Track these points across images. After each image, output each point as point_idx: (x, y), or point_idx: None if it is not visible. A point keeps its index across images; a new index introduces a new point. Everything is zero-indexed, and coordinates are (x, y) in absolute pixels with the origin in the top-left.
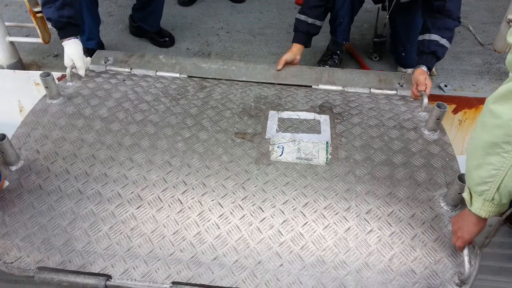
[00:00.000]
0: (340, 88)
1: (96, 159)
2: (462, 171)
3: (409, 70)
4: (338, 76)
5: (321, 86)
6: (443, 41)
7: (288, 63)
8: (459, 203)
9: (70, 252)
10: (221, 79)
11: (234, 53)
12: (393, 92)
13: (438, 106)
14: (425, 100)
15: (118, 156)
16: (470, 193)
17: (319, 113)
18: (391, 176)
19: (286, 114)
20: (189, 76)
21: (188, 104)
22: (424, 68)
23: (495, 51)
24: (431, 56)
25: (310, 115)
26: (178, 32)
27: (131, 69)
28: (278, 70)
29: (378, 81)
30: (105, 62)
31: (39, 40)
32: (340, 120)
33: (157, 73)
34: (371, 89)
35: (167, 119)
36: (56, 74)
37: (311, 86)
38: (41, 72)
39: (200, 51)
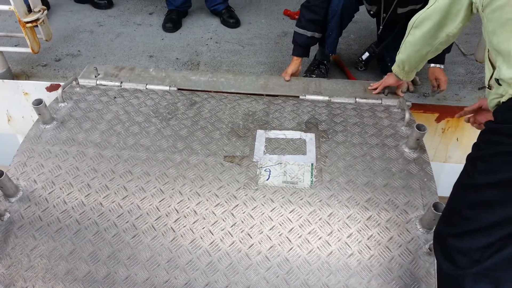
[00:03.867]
0: (326, 98)
1: (91, 188)
2: (440, 192)
3: None
4: (325, 86)
5: (308, 97)
6: None
7: (292, 74)
8: (434, 225)
9: (72, 281)
10: (210, 92)
11: (223, 63)
12: (378, 101)
13: (418, 128)
14: (407, 115)
15: (112, 184)
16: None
17: (305, 131)
18: (372, 199)
19: (273, 134)
20: (179, 89)
21: (178, 125)
22: (438, 66)
23: (476, 61)
24: (442, 55)
25: (296, 134)
26: (168, 42)
27: (121, 83)
28: (287, 81)
29: (363, 90)
30: (95, 76)
31: (28, 50)
32: (325, 138)
33: (147, 87)
34: (357, 99)
35: (158, 142)
36: (44, 84)
37: (298, 97)
38: (33, 100)
39: (189, 61)
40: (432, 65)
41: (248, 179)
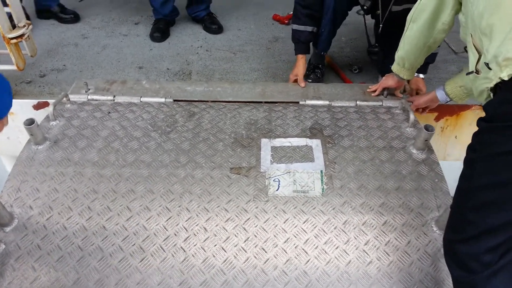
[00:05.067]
0: (327, 102)
1: (92, 211)
2: (451, 189)
3: None
4: (324, 90)
5: (309, 102)
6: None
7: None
8: None
9: None
10: (207, 101)
11: (215, 71)
12: (379, 103)
13: (426, 128)
14: (412, 116)
15: (114, 205)
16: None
17: (310, 137)
18: (385, 203)
19: (278, 142)
20: (175, 100)
21: (179, 138)
22: (421, 76)
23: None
24: (426, 66)
25: (302, 141)
26: (157, 52)
27: (114, 97)
28: (303, 87)
29: (363, 93)
30: (86, 91)
31: (13, 67)
32: (331, 144)
33: (142, 100)
34: (357, 102)
35: (160, 158)
36: (31, 102)
37: (298, 103)
38: (24, 120)
39: (180, 71)
40: (415, 74)
41: (257, 191)
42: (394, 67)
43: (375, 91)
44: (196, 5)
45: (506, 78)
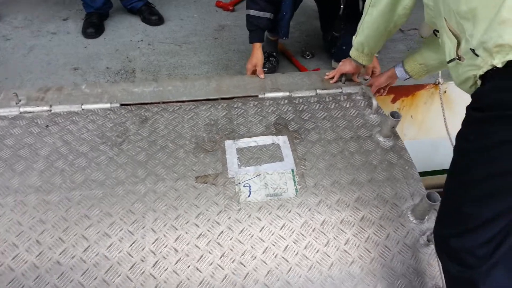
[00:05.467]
0: (287, 94)
1: (42, 245)
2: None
3: None
4: (282, 81)
5: (268, 95)
6: None
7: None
8: (427, 215)
9: None
10: (159, 103)
11: (162, 67)
12: (338, 90)
13: (393, 115)
14: (374, 102)
15: (67, 236)
16: None
17: (276, 134)
18: (360, 198)
19: (243, 142)
20: (122, 105)
21: (133, 149)
22: (375, 54)
23: (421, 37)
24: None
25: (268, 139)
26: (92, 49)
27: (50, 107)
28: (262, 79)
29: (321, 81)
30: (16, 103)
31: None
32: (298, 139)
33: (83, 107)
34: (317, 91)
35: (114, 174)
36: None
37: (257, 96)
38: None
39: (122, 69)
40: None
41: (228, 200)
42: (352, 53)
43: (332, 77)
44: None
45: (500, 65)
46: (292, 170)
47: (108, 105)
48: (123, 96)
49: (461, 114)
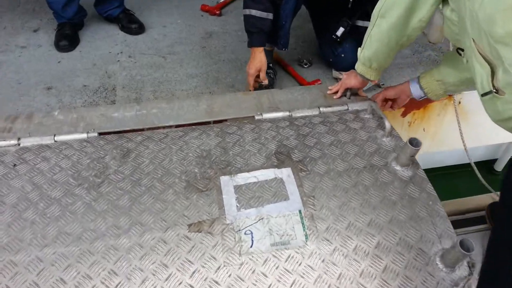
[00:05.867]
0: (287, 114)
1: None
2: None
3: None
4: (279, 98)
5: (266, 116)
6: None
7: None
8: (459, 262)
9: None
10: (143, 130)
11: (145, 82)
12: (344, 107)
13: (411, 143)
14: (387, 124)
15: None
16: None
17: (278, 165)
18: (380, 243)
19: (241, 178)
20: (100, 134)
21: (114, 192)
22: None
23: (429, 42)
24: None
25: (269, 173)
26: (67, 65)
27: (18, 139)
28: (266, 83)
29: (323, 97)
30: None
31: None
32: (304, 171)
33: (56, 139)
34: (320, 108)
35: (92, 225)
36: None
37: (253, 117)
38: None
39: (101, 87)
40: None
41: (227, 252)
42: (358, 67)
43: (336, 92)
44: (108, 1)
45: None
46: (300, 211)
47: (84, 135)
48: (101, 122)
49: (477, 126)
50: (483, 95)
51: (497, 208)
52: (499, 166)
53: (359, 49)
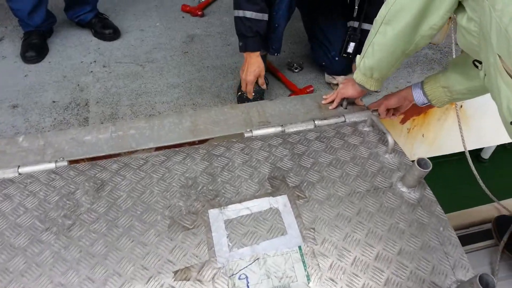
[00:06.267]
0: (279, 129)
1: None
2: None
3: (340, 78)
4: (270, 111)
5: (256, 132)
6: None
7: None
8: None
9: None
10: (119, 155)
11: (122, 95)
12: (341, 119)
13: (420, 164)
14: (390, 139)
15: None
16: None
17: (272, 193)
18: (390, 279)
19: (232, 211)
20: (70, 162)
21: (87, 236)
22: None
23: (430, 43)
24: None
25: (263, 203)
26: (34, 78)
27: None
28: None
29: (318, 107)
30: None
31: None
32: (302, 198)
33: (20, 171)
34: (315, 121)
35: (63, 279)
36: None
37: (242, 134)
38: None
39: (73, 102)
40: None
41: None
42: (358, 77)
43: (332, 101)
44: (79, 5)
45: None
46: (300, 247)
47: (52, 165)
48: (72, 148)
49: (478, 129)
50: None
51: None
52: (486, 154)
53: (357, 56)
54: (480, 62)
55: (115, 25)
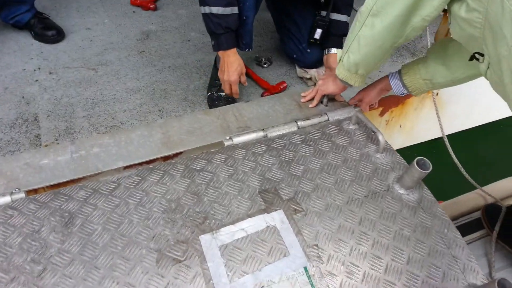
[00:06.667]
0: (261, 134)
1: None
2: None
3: (312, 71)
4: (247, 114)
5: (236, 139)
6: (348, 20)
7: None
8: None
9: None
10: (84, 178)
11: (75, 105)
12: (324, 118)
13: (419, 165)
14: (382, 139)
15: None
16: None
17: (267, 209)
18: None
19: (226, 235)
20: (28, 193)
21: (62, 283)
22: (338, 52)
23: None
24: (341, 38)
25: (259, 222)
26: None
27: None
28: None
29: (297, 106)
30: None
31: None
32: (299, 211)
33: None
34: (298, 123)
35: None
36: None
37: (223, 143)
38: None
39: (19, 118)
40: (333, 50)
41: None
42: (341, 73)
43: (311, 99)
44: (14, 5)
45: None
46: (305, 268)
47: (7, 199)
48: (28, 176)
49: (452, 115)
50: None
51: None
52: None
53: (338, 51)
54: (482, 55)
55: (58, 25)
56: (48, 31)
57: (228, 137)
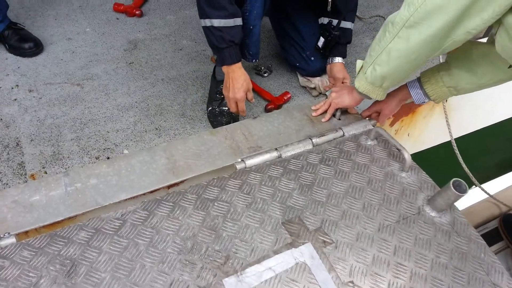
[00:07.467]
0: (274, 154)
1: None
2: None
3: (315, 80)
4: (257, 132)
5: (249, 162)
6: (352, 27)
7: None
8: None
9: None
10: (80, 215)
11: (62, 127)
12: (339, 134)
13: (455, 187)
14: (407, 157)
15: None
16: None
17: (293, 243)
18: None
19: (252, 276)
20: (19, 237)
21: None
22: (342, 60)
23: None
24: (345, 46)
25: (287, 259)
26: None
27: None
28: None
29: (309, 121)
30: None
31: None
32: (328, 243)
33: None
34: (313, 140)
35: None
36: None
37: (234, 167)
38: None
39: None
40: (337, 59)
41: None
42: (362, 86)
43: (323, 112)
44: None
45: None
46: None
47: None
48: (17, 216)
49: (461, 123)
50: None
51: None
52: None
53: (360, 62)
54: None
55: (35, 36)
56: (24, 43)
57: (239, 159)
